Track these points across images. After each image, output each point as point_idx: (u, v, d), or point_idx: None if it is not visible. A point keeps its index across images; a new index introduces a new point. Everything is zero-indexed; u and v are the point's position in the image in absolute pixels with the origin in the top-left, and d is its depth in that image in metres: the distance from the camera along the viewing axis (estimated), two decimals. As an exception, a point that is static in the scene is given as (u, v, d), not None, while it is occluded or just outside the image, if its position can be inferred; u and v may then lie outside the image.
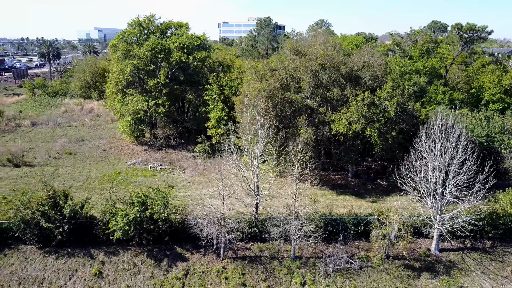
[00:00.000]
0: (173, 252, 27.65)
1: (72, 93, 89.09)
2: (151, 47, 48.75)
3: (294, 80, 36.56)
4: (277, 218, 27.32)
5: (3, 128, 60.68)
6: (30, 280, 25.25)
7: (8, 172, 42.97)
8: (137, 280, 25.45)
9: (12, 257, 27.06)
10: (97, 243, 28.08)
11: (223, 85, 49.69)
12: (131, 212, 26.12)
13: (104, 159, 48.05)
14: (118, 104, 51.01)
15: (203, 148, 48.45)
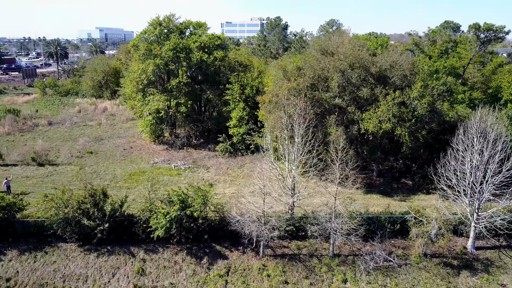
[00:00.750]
0: (213, 250, 27.88)
1: (84, 93, 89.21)
2: (172, 46, 48.95)
3: (321, 80, 36.81)
4: (316, 216, 27.55)
5: (20, 127, 60.81)
6: (74, 277, 25.45)
7: (34, 171, 43.17)
8: (179, 277, 25.68)
9: (53, 254, 27.28)
10: (136, 241, 28.31)
11: (244, 85, 49.90)
12: (172, 210, 26.32)
13: (126, 158, 48.26)
14: (138, 104, 51.18)
15: (224, 147, 48.66)
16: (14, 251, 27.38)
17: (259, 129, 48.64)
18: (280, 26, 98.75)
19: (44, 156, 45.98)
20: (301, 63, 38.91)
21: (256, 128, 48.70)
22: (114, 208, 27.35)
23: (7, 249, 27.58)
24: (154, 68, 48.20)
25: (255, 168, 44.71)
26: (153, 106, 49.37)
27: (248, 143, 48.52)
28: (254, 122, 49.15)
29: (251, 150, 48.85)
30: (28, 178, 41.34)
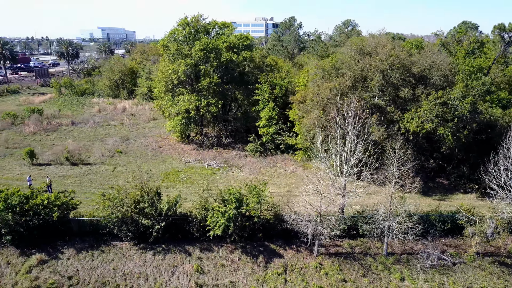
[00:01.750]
0: (267, 248, 28.13)
1: (100, 92, 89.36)
2: (202, 46, 49.16)
3: (360, 80, 37.08)
4: (370, 215, 27.81)
5: (45, 127, 60.96)
6: (134, 276, 25.67)
7: (69, 171, 43.37)
8: (238, 275, 25.92)
9: (109, 253, 27.49)
10: (190, 239, 28.55)
11: (273, 84, 50.13)
12: (229, 209, 26.55)
13: (157, 158, 48.47)
14: (168, 103, 51.37)
15: (254, 147, 48.89)
16: (71, 250, 27.59)
17: (289, 128, 48.92)
18: (295, 26, 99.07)
19: (77, 155, 46.14)
20: (338, 63, 39.15)
21: (286, 128, 48.97)
22: (170, 207, 27.56)
23: (64, 247, 27.79)
24: (185, 68, 48.40)
25: (288, 168, 45.17)
26: (183, 106, 49.58)
27: (278, 142, 48.79)
28: (283, 122, 49.38)
29: (281, 149, 49.12)
30: (65, 177, 41.54)
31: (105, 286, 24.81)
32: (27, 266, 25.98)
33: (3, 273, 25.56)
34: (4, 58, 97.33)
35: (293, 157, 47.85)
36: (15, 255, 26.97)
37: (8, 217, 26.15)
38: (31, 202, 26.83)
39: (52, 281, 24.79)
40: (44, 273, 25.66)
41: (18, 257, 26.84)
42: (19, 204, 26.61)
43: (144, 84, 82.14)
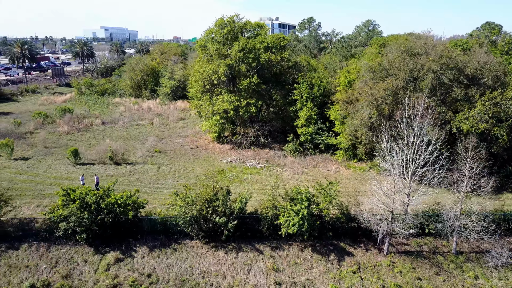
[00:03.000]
0: (337, 247, 28.44)
1: (121, 92, 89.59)
2: (241, 47, 49.46)
3: (410, 80, 37.43)
4: (440, 214, 28.12)
5: (77, 126, 61.17)
6: (211, 273, 25.96)
7: (114, 170, 43.62)
8: (313, 273, 26.22)
9: (182, 251, 27.78)
10: (259, 238, 28.85)
11: (311, 84, 50.44)
12: (302, 208, 26.84)
13: (198, 157, 48.73)
14: (206, 103, 51.62)
15: (294, 147, 49.15)
16: (143, 248, 27.86)
17: (328, 128, 49.24)
18: (313, 27, 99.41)
19: (120, 155, 46.38)
20: (386, 63, 39.48)
21: (325, 128, 49.29)
22: (241, 205, 27.86)
23: (136, 246, 28.07)
24: (225, 68, 48.67)
25: (331, 167, 45.46)
26: (222, 106, 49.86)
27: (317, 142, 49.09)
28: (322, 122, 49.70)
29: (320, 149, 49.43)
30: (112, 176, 41.72)
31: (184, 284, 25.09)
32: (105, 264, 26.26)
33: (82, 271, 25.82)
34: (24, 58, 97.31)
35: (333, 157, 48.17)
36: (90, 253, 27.24)
37: (84, 215, 26.41)
38: (107, 200, 27.10)
39: (132, 279, 25.06)
40: (122, 271, 25.94)
41: (93, 255, 27.11)
42: (95, 203, 26.87)
43: (167, 84, 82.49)
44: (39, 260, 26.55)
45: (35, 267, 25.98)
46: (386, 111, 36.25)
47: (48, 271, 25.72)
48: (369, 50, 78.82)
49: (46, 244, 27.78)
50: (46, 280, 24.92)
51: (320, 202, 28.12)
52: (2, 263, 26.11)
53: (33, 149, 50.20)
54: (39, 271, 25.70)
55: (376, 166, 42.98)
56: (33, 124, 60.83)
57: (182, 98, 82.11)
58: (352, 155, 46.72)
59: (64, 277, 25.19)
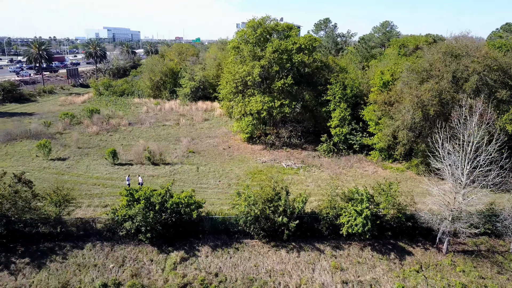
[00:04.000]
0: (396, 246, 28.82)
1: (139, 93, 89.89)
2: (275, 48, 49.83)
3: (452, 81, 37.84)
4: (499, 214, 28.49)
5: (105, 127, 61.46)
6: (277, 272, 26.31)
7: (154, 170, 43.93)
8: (377, 272, 26.58)
9: (244, 251, 28.12)
10: (317, 237, 29.20)
11: (344, 85, 50.80)
12: (365, 208, 27.19)
13: (232, 158, 49.05)
14: (239, 104, 51.95)
15: (328, 147, 49.50)
16: (205, 247, 28.19)
17: (361, 129, 49.60)
18: (330, 28, 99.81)
19: (158, 155, 46.67)
20: (426, 65, 39.87)
21: (359, 128, 49.65)
22: (302, 205, 28.20)
23: (199, 245, 28.40)
24: (260, 70, 49.02)
25: (368, 168, 45.79)
26: (255, 106, 50.19)
27: (351, 143, 49.44)
28: (356, 122, 50.05)
29: (353, 149, 49.78)
30: (154, 177, 42.07)
31: (253, 283, 25.43)
32: (171, 263, 26.59)
33: (150, 270, 26.15)
34: (41, 58, 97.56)
35: (367, 157, 48.53)
36: (154, 253, 27.56)
37: (149, 215, 26.73)
38: (171, 200, 27.42)
39: (201, 278, 25.39)
40: (189, 270, 26.27)
41: (158, 254, 27.43)
42: (160, 202, 27.19)
43: (188, 84, 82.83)
44: (106, 259, 26.86)
45: (103, 266, 26.29)
46: (432, 112, 36.62)
47: (116, 270, 26.03)
48: (389, 51, 79.36)
49: (110, 244, 28.09)
50: (116, 279, 25.24)
51: (380, 202, 28.45)
52: (71, 262, 26.42)
53: (67, 150, 50.50)
54: (107, 270, 26.01)
55: (414, 167, 43.41)
56: (61, 125, 61.11)
57: (202, 99, 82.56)
58: (387, 155, 47.10)
59: (133, 276, 25.51)
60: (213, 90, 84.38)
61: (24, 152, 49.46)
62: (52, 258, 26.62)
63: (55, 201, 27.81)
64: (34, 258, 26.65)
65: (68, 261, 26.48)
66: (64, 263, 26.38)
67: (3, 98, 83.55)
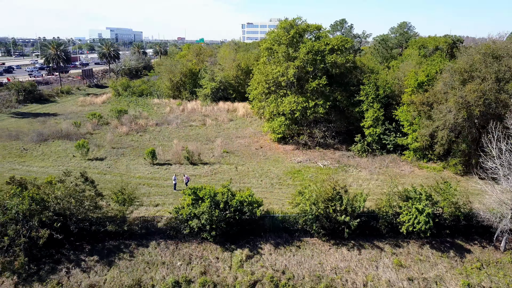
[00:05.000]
0: (454, 244, 29.32)
1: (159, 93, 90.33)
2: (309, 49, 50.35)
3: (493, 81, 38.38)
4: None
5: (134, 127, 61.91)
6: (343, 270, 26.79)
7: (195, 170, 44.37)
8: (439, 270, 27.06)
9: (306, 249, 28.59)
10: (375, 235, 29.67)
11: (377, 86, 51.32)
12: (425, 206, 27.66)
13: (267, 158, 49.50)
14: (271, 105, 52.42)
15: (362, 147, 49.98)
16: (267, 245, 28.66)
17: (395, 129, 50.10)
18: (346, 28, 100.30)
19: (197, 155, 47.12)
20: (467, 65, 40.39)
21: (392, 128, 50.15)
22: (361, 204, 28.69)
23: (260, 243, 28.86)
24: (295, 70, 49.53)
25: (404, 168, 46.24)
26: (288, 107, 50.68)
27: (385, 143, 49.93)
28: (389, 122, 50.55)
29: (387, 149, 50.27)
30: (196, 176, 42.52)
31: (320, 280, 25.91)
32: (238, 261, 27.04)
33: (217, 268, 26.60)
34: (59, 59, 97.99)
35: (401, 157, 49.03)
36: (219, 251, 28.01)
37: (215, 213, 27.19)
38: (235, 199, 27.89)
39: (270, 275, 25.85)
40: (256, 267, 26.73)
41: (222, 252, 27.88)
42: (224, 201, 27.65)
43: (208, 85, 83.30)
44: (172, 257, 27.30)
45: (170, 264, 26.74)
46: (477, 112, 37.15)
47: (184, 268, 26.48)
48: (408, 51, 79.87)
49: (173, 242, 28.53)
50: (187, 276, 25.69)
51: (437, 201, 28.94)
52: (139, 260, 26.87)
53: (102, 150, 50.93)
54: (176, 268, 26.46)
55: (452, 166, 43.90)
56: (90, 125, 61.57)
57: (222, 100, 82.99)
58: (422, 155, 47.60)
59: (202, 274, 25.97)
60: (233, 90, 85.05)
61: (59, 152, 49.92)
62: (120, 256, 27.05)
63: (120, 200, 28.24)
64: (102, 256, 27.09)
65: (136, 259, 26.92)
66: (133, 260, 26.82)
67: (24, 99, 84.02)
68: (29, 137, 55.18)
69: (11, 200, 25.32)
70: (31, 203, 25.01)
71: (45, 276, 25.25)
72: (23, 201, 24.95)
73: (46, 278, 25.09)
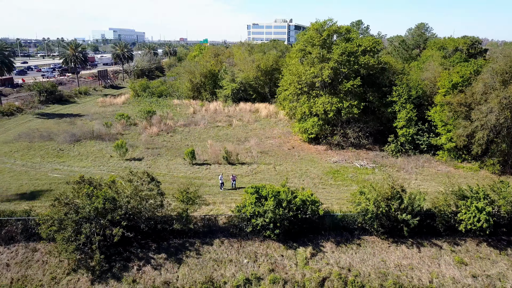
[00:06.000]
0: (510, 242, 29.86)
1: (178, 94, 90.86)
2: (342, 50, 50.96)
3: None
4: None
5: (163, 128, 62.44)
6: (406, 267, 27.34)
7: (234, 170, 44.88)
8: (500, 267, 27.68)
9: (366, 246, 29.16)
10: (431, 233, 30.24)
11: (409, 86, 51.92)
12: (484, 205, 28.23)
13: (302, 158, 50.04)
14: (304, 105, 52.99)
15: (396, 147, 50.54)
16: (329, 243, 29.22)
17: (427, 129, 50.69)
18: (363, 29, 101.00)
19: (235, 155, 47.68)
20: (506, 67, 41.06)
21: (425, 128, 50.75)
22: (422, 204, 29.27)
23: (321, 241, 29.43)
24: (330, 71, 50.13)
25: (440, 168, 46.81)
26: (321, 107, 51.25)
27: (419, 143, 50.51)
28: (422, 123, 51.15)
29: (420, 150, 50.83)
30: (237, 175, 43.04)
31: (386, 277, 26.47)
32: (303, 258, 27.60)
33: (284, 265, 27.16)
34: (77, 60, 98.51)
35: (435, 157, 49.61)
36: (282, 248, 28.56)
37: (279, 212, 27.74)
38: (298, 198, 28.46)
39: (337, 272, 26.42)
40: (321, 265, 27.30)
41: (286, 250, 28.43)
42: (287, 200, 28.21)
43: (229, 86, 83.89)
44: (238, 255, 27.85)
45: (237, 261, 27.29)
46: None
47: (251, 265, 27.03)
48: (427, 52, 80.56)
49: (236, 240, 29.08)
50: (255, 273, 26.24)
51: (494, 200, 29.52)
52: (207, 257, 27.41)
53: (137, 150, 51.49)
54: (243, 265, 27.01)
55: (490, 166, 44.48)
56: (119, 126, 62.09)
57: (243, 100, 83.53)
58: (456, 155, 48.20)
59: (270, 271, 26.52)
60: (253, 91, 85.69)
61: (95, 153, 50.48)
62: (187, 254, 27.60)
63: (186, 199, 28.78)
64: (169, 253, 27.63)
65: (203, 257, 27.47)
66: (200, 258, 27.37)
67: (46, 99, 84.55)
68: (61, 137, 55.70)
69: (85, 199, 25.85)
70: (105, 202, 25.54)
71: (118, 273, 25.79)
72: (98, 199, 25.49)
73: (120, 275, 25.63)
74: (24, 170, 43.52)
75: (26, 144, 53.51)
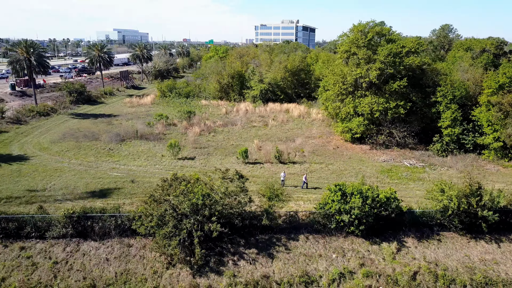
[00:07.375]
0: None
1: (206, 95, 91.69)
2: (388, 52, 51.85)
3: None
4: None
5: (203, 128, 63.21)
6: (490, 261, 28.15)
7: (288, 169, 45.67)
8: None
9: (446, 242, 29.93)
10: (507, 229, 31.06)
11: (454, 87, 52.80)
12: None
13: (351, 157, 50.81)
14: (349, 105, 53.84)
15: (441, 146, 51.39)
16: (410, 239, 30.02)
17: (472, 128, 51.56)
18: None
19: (286, 155, 48.50)
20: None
21: (470, 128, 51.62)
22: (502, 201, 30.13)
23: (402, 237, 30.24)
24: (377, 72, 51.00)
25: (489, 167, 47.64)
26: (367, 107, 52.10)
27: (463, 142, 51.37)
28: (467, 123, 52.02)
29: (464, 149, 51.68)
30: (293, 174, 43.88)
31: (473, 271, 27.26)
32: (390, 253, 28.39)
33: (372, 260, 27.95)
34: (102, 61, 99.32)
35: (480, 156, 50.47)
36: (366, 244, 29.34)
37: (365, 208, 28.56)
38: (382, 195, 29.28)
39: (426, 267, 27.23)
40: (407, 259, 28.09)
41: (370, 245, 29.21)
42: (372, 197, 29.02)
43: (258, 87, 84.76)
44: (325, 250, 28.64)
45: (326, 256, 28.08)
46: None
47: (341, 260, 27.82)
48: (456, 53, 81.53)
49: (320, 236, 29.88)
50: (347, 267, 27.05)
51: None
52: (297, 252, 28.19)
53: (186, 150, 52.28)
54: (333, 260, 27.80)
55: None
56: (160, 126, 62.88)
57: (271, 101, 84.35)
58: (503, 154, 49.09)
59: (361, 265, 27.33)
60: (281, 91, 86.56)
61: (145, 152, 51.30)
62: (277, 249, 28.37)
63: (272, 196, 29.58)
64: (259, 249, 28.40)
65: (293, 252, 28.25)
66: (290, 253, 28.15)
67: (76, 100, 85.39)
68: (107, 137, 56.47)
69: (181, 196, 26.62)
70: (203, 198, 26.34)
71: (215, 267, 26.56)
72: (196, 196, 26.28)
73: (218, 269, 26.41)
74: (83, 169, 44.28)
75: (74, 144, 54.29)
